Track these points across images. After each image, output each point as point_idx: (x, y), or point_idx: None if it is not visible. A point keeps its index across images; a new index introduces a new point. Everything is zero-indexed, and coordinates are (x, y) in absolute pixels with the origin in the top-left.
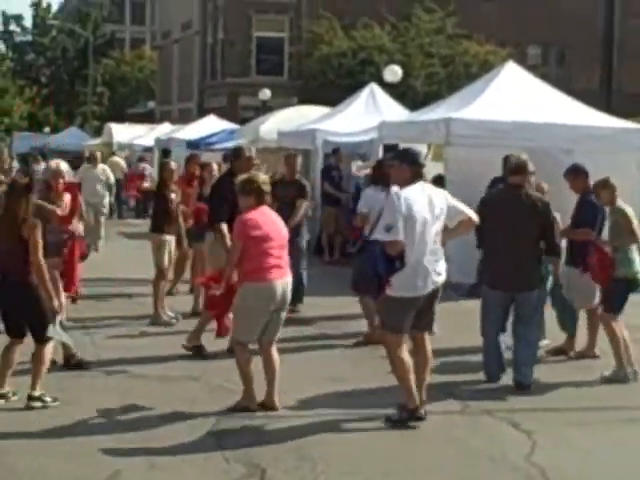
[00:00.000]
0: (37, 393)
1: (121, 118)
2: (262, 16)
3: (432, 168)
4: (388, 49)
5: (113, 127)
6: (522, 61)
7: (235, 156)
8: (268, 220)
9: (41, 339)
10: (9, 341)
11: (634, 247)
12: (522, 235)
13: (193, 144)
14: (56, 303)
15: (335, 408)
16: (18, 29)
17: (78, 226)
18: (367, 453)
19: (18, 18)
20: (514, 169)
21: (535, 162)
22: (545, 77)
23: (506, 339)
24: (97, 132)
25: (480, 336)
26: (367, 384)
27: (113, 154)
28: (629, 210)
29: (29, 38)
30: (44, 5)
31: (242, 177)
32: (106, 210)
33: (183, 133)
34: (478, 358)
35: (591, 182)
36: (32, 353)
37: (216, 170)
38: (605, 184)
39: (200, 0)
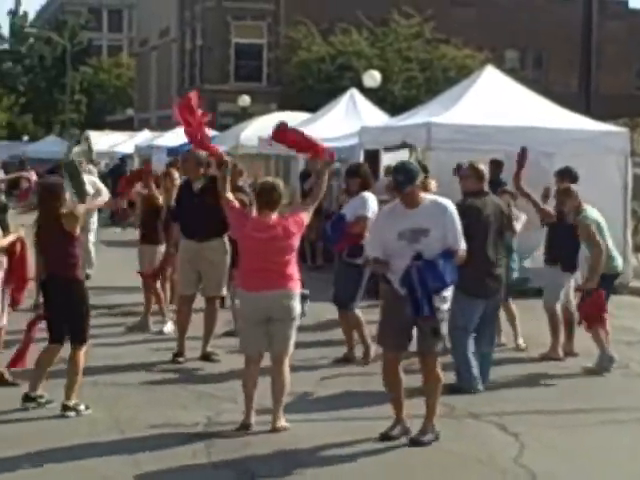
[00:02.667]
0: (72, 402)
1: (100, 126)
2: (240, 22)
3: None
4: (366, 54)
5: (92, 135)
6: (500, 65)
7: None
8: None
9: (80, 342)
10: (49, 346)
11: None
12: (495, 240)
13: (174, 151)
14: None
15: (324, 416)
16: None
17: None
18: (356, 461)
19: None
20: (481, 176)
21: (514, 166)
22: (523, 81)
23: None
24: (76, 140)
25: None
26: (356, 392)
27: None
28: (591, 215)
29: (6, 46)
30: (21, 13)
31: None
32: (95, 227)
33: (163, 140)
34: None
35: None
36: (68, 359)
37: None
38: (567, 192)
39: (178, 7)
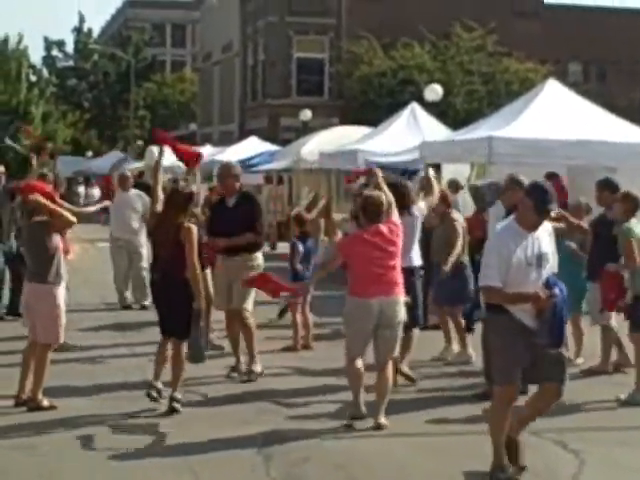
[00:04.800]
0: (179, 394)
1: None
2: (302, 37)
3: None
4: (428, 68)
5: (155, 150)
6: (563, 78)
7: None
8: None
9: (182, 337)
10: (163, 340)
11: None
12: None
13: None
14: (202, 304)
15: (382, 431)
16: (60, 54)
17: None
18: (413, 476)
19: (60, 44)
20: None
21: (576, 180)
22: (586, 94)
23: None
24: (139, 155)
25: None
26: (418, 406)
27: None
28: (635, 229)
29: (71, 63)
30: (85, 30)
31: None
32: (145, 251)
33: (225, 155)
34: None
35: None
36: (172, 354)
37: None
38: (624, 197)
39: (240, 22)
